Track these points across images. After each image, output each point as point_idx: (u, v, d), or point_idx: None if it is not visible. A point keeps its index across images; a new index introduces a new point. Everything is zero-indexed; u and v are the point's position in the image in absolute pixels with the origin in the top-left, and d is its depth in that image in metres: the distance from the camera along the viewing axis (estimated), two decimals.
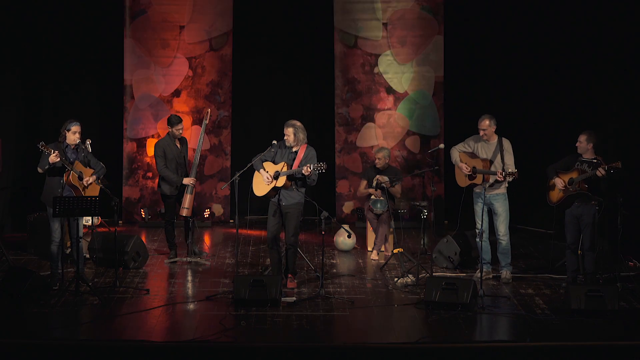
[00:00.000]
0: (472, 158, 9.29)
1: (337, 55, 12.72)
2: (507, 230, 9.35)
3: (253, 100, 13.08)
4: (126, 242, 9.81)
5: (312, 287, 9.08)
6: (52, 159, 8.72)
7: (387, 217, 10.39)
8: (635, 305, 8.47)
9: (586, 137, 8.89)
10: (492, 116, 9.30)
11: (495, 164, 9.19)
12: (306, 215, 11.90)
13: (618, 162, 8.59)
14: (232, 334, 7.53)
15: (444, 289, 8.25)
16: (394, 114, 12.76)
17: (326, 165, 8.77)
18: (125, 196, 12.64)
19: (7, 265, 9.58)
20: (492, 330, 7.92)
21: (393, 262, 10.06)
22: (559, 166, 9.03)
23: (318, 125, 13.04)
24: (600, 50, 11.36)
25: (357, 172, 12.60)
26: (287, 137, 8.96)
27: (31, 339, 7.35)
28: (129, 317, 8.02)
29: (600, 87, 11.42)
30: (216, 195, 12.79)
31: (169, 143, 10.19)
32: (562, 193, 8.94)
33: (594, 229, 8.82)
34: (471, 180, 9.27)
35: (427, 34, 12.65)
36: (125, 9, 12.53)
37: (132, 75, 12.58)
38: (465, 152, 9.37)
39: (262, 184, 8.99)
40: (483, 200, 9.16)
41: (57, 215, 8.57)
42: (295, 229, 8.97)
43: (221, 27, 12.64)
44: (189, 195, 10.06)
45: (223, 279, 9.43)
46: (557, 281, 9.33)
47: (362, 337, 7.58)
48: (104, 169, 9.19)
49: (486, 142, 9.31)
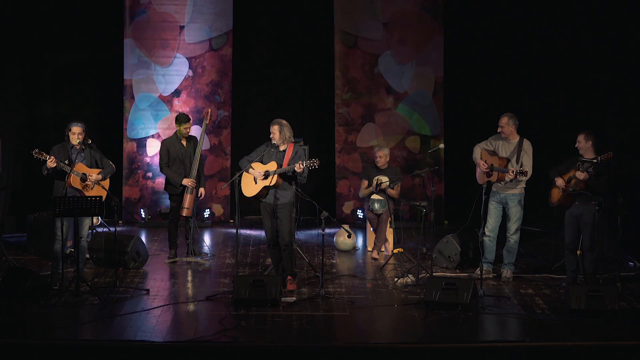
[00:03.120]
0: (492, 156, 9.30)
1: (337, 55, 12.72)
2: (518, 231, 9.34)
3: (253, 100, 13.08)
4: (126, 242, 9.81)
5: (312, 287, 9.08)
6: (49, 164, 8.75)
7: (387, 216, 10.39)
8: (635, 305, 8.47)
9: (584, 136, 8.91)
10: (513, 115, 9.30)
11: (512, 163, 9.20)
12: (306, 215, 11.95)
13: (609, 152, 8.60)
14: (232, 334, 7.52)
15: (444, 289, 8.25)
16: (394, 114, 12.76)
17: (319, 162, 8.73)
18: (125, 196, 12.64)
19: (7, 265, 9.58)
20: (492, 330, 7.92)
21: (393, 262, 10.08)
22: (561, 168, 9.04)
23: (318, 125, 13.06)
24: (600, 50, 11.36)
25: (357, 172, 12.59)
26: (273, 135, 8.91)
27: (31, 339, 7.34)
28: (129, 317, 8.01)
29: (601, 87, 11.42)
30: (216, 195, 12.79)
31: (173, 142, 10.19)
32: (562, 192, 8.96)
33: (593, 229, 8.82)
34: (488, 177, 9.28)
35: (427, 34, 12.65)
36: (125, 9, 12.53)
37: (132, 75, 12.59)
38: (486, 150, 9.38)
39: (251, 184, 8.96)
40: (495, 199, 9.23)
41: (58, 216, 8.57)
42: (290, 229, 8.94)
43: (221, 27, 12.64)
44: (189, 195, 10.06)
45: (223, 279, 9.43)
46: (557, 281, 9.33)
47: (362, 337, 7.58)
48: (112, 167, 9.19)
49: (507, 141, 9.31)
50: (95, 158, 9.10)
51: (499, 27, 12.21)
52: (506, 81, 12.21)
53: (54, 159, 8.74)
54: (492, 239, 9.42)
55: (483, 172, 9.33)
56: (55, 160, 8.74)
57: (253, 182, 8.95)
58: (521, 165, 9.13)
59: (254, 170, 8.91)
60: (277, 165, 8.84)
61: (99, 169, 9.06)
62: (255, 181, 8.94)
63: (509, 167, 9.15)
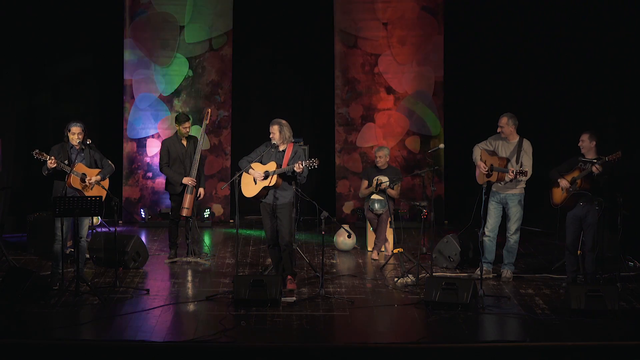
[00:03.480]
0: (491, 156, 9.30)
1: (337, 55, 12.72)
2: (518, 231, 9.34)
3: (253, 100, 13.08)
4: (126, 242, 9.81)
5: (312, 287, 9.08)
6: (50, 165, 8.75)
7: (387, 216, 10.39)
8: (635, 305, 8.47)
9: (589, 136, 8.89)
10: (513, 115, 9.29)
11: (512, 163, 9.19)
12: (306, 215, 11.95)
13: (618, 152, 8.58)
14: (232, 334, 7.52)
15: (444, 289, 8.25)
16: (394, 114, 12.75)
17: (318, 161, 8.72)
18: (125, 196, 12.64)
19: (7, 265, 9.58)
20: (492, 330, 7.92)
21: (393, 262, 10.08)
22: (562, 168, 9.01)
23: (318, 125, 13.06)
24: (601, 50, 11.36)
25: (357, 172, 12.59)
26: (273, 135, 8.91)
27: (31, 339, 7.34)
28: (129, 317, 8.01)
29: (601, 87, 11.42)
30: (216, 195, 12.79)
31: (174, 141, 10.19)
32: (566, 193, 8.92)
33: (596, 230, 8.81)
34: (488, 177, 9.28)
35: (427, 34, 12.64)
36: (125, 9, 12.53)
37: (132, 75, 12.59)
38: (486, 150, 9.37)
39: (251, 184, 8.96)
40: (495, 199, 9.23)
41: (58, 216, 8.57)
42: (290, 229, 8.94)
43: (221, 27, 12.64)
44: (189, 195, 10.05)
45: (223, 279, 9.43)
46: (557, 281, 9.33)
47: (362, 337, 7.57)
48: (111, 167, 9.19)
49: (507, 141, 9.31)
50: (95, 158, 9.10)
51: (498, 27, 12.21)
52: (506, 81, 12.20)
53: (54, 160, 8.74)
54: (492, 239, 9.42)
55: (482, 172, 9.33)
56: (55, 160, 8.74)
57: (253, 182, 8.95)
58: (521, 165, 9.13)
59: (253, 171, 8.91)
60: (276, 166, 8.84)
61: (98, 169, 9.06)
62: (255, 181, 8.94)
63: (508, 167, 9.14)
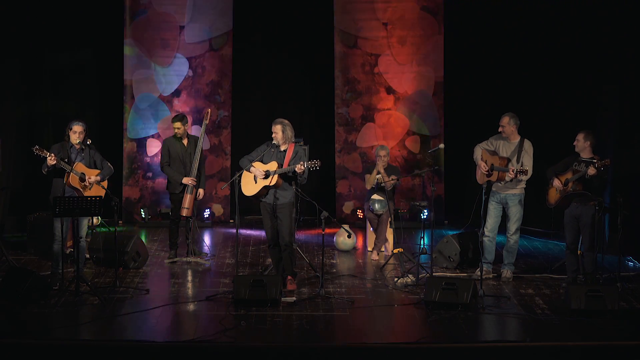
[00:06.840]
0: (492, 156, 9.30)
1: (337, 55, 12.72)
2: (518, 231, 9.34)
3: (253, 100, 13.08)
4: (126, 242, 9.81)
5: (312, 287, 9.08)
6: (49, 162, 8.75)
7: (388, 217, 10.39)
8: (635, 305, 8.47)
9: (584, 136, 8.91)
10: (514, 115, 9.30)
11: (512, 162, 9.19)
12: (306, 215, 11.95)
13: (607, 160, 8.61)
14: (232, 334, 7.52)
15: (444, 289, 8.25)
16: (394, 114, 12.76)
17: (320, 163, 8.73)
18: (125, 196, 12.64)
19: (7, 265, 9.58)
20: (492, 330, 7.92)
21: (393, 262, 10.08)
22: (558, 168, 9.03)
23: (318, 125, 13.06)
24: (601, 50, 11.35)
25: (357, 172, 12.60)
26: (275, 135, 8.91)
27: (31, 339, 7.34)
28: (129, 317, 8.01)
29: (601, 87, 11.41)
30: (216, 195, 12.79)
31: (173, 142, 10.21)
32: (559, 194, 8.94)
33: (593, 229, 8.81)
34: (488, 177, 9.28)
35: (427, 34, 12.65)
36: (125, 9, 12.53)
37: (132, 75, 12.59)
38: (487, 150, 9.37)
39: (251, 183, 8.96)
40: (495, 199, 9.24)
41: (58, 216, 8.57)
42: (290, 229, 8.94)
43: (221, 27, 12.65)
44: (189, 195, 10.06)
45: (223, 279, 9.43)
46: (557, 281, 9.33)
47: (362, 337, 7.57)
48: (110, 169, 9.20)
49: (508, 141, 9.31)
50: (95, 159, 9.10)
51: (498, 27, 12.21)
52: (506, 81, 12.20)
53: (53, 157, 8.74)
54: (492, 239, 9.42)
55: (483, 172, 9.33)
56: (55, 157, 8.74)
57: (253, 181, 8.95)
58: (522, 165, 9.13)
59: (254, 169, 8.91)
60: (277, 165, 8.84)
61: (98, 170, 9.06)
62: (255, 180, 8.94)
63: (509, 166, 9.14)
